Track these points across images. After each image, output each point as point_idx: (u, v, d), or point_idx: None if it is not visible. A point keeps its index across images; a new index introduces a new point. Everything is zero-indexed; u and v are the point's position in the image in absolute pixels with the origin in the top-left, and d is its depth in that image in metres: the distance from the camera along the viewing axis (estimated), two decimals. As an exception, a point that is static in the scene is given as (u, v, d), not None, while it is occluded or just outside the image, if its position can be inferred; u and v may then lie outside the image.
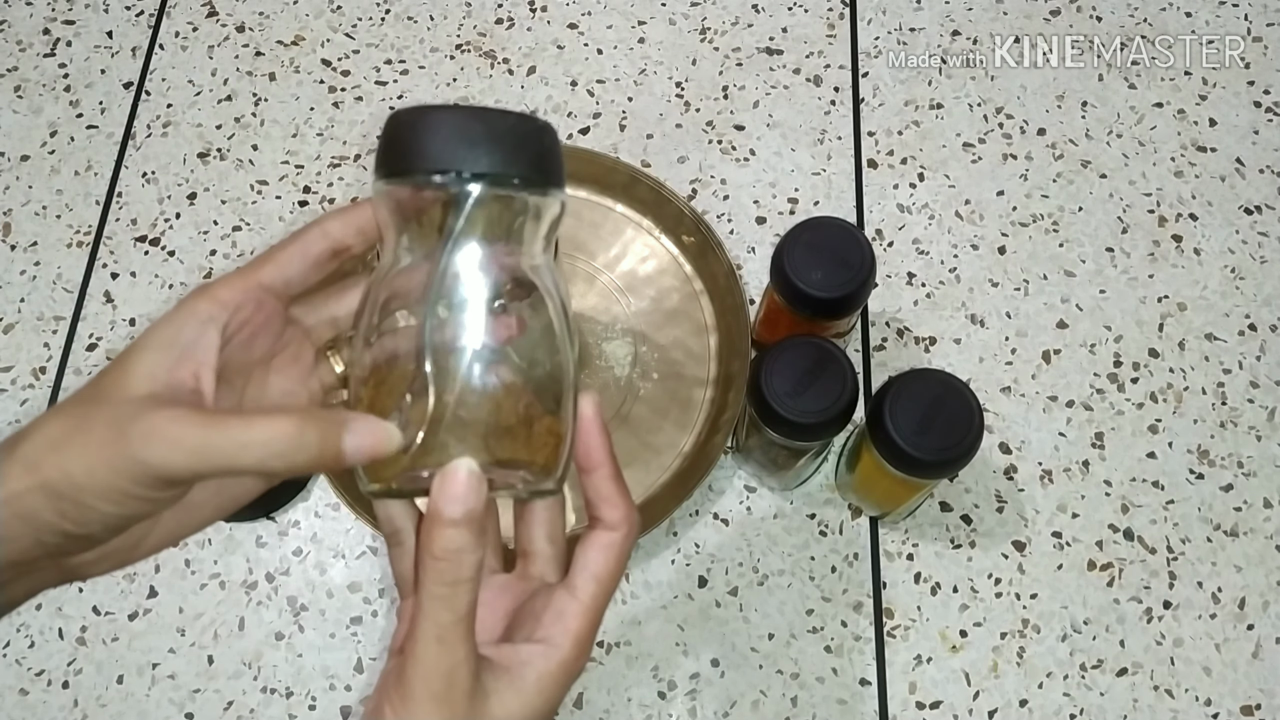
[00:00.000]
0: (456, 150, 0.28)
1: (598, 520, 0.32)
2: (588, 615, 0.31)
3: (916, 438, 0.49)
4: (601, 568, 0.31)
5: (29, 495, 0.26)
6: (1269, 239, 0.69)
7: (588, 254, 0.67)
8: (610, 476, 0.32)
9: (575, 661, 0.31)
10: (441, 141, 0.28)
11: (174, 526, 0.30)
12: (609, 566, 0.32)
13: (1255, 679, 0.58)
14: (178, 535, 0.31)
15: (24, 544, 0.26)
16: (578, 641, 0.31)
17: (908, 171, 0.71)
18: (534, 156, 0.29)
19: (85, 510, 0.26)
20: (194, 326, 0.29)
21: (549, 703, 0.30)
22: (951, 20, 0.77)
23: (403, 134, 0.29)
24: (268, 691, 0.58)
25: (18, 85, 0.75)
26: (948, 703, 0.57)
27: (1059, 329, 0.66)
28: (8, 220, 0.70)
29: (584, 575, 0.31)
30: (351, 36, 0.76)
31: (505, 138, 0.28)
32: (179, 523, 0.30)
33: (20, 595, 0.29)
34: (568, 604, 0.31)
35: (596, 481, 0.32)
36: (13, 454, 0.27)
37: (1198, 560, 0.60)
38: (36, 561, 0.28)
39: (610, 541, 0.32)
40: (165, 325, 0.29)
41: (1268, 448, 0.63)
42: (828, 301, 0.53)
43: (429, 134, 0.28)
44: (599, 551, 0.32)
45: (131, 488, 0.26)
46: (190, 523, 0.31)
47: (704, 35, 0.76)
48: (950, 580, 0.60)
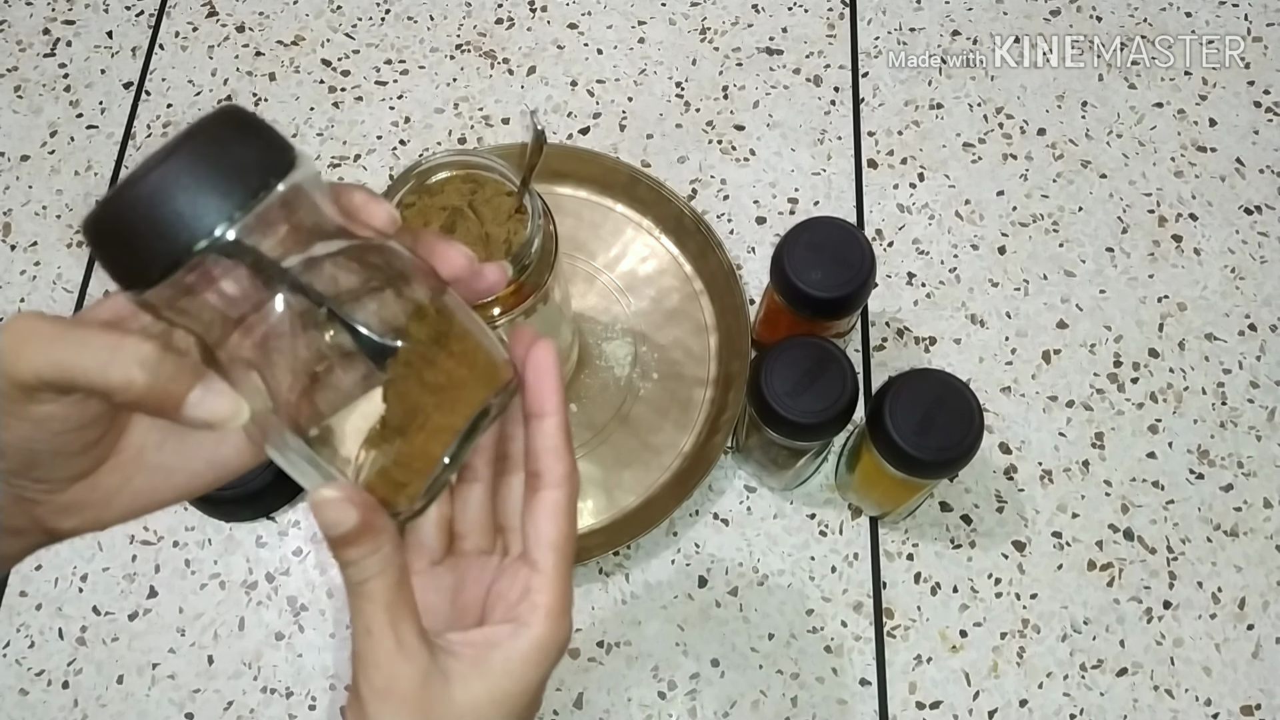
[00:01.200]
0: (194, 214, 0.25)
1: (538, 477, 0.31)
2: (555, 587, 0.30)
3: (916, 438, 0.49)
4: (556, 534, 0.30)
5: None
6: (1269, 239, 0.69)
7: (588, 254, 0.67)
8: (560, 426, 0.31)
9: (552, 636, 0.30)
10: (173, 216, 0.25)
11: (144, 488, 0.30)
12: (563, 529, 0.31)
13: (1255, 679, 0.58)
14: (151, 499, 0.30)
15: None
16: (550, 614, 0.30)
17: (908, 171, 0.71)
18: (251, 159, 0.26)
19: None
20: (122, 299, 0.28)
21: (520, 684, 0.29)
22: (951, 20, 0.77)
23: (125, 233, 0.25)
24: (268, 691, 0.58)
25: (18, 85, 0.75)
26: (948, 703, 0.57)
27: (1059, 329, 0.66)
28: (8, 220, 0.70)
29: (540, 546, 0.30)
30: (351, 36, 0.76)
31: (217, 166, 0.25)
32: (149, 485, 0.30)
33: (17, 552, 0.29)
34: (531, 578, 0.30)
35: (546, 428, 0.31)
36: None
37: (1198, 560, 0.60)
38: (8, 509, 0.28)
39: (556, 502, 0.31)
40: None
41: (1268, 448, 0.63)
42: (828, 301, 0.54)
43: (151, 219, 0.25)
44: (549, 518, 0.30)
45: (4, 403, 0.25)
46: (162, 487, 0.30)
47: (704, 35, 0.76)
48: (950, 580, 0.60)
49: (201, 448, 0.30)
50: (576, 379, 0.64)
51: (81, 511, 0.29)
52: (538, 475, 0.31)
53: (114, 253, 0.26)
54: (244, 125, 0.26)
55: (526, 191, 0.48)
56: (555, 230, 0.50)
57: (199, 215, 0.24)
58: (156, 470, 0.30)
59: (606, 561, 0.60)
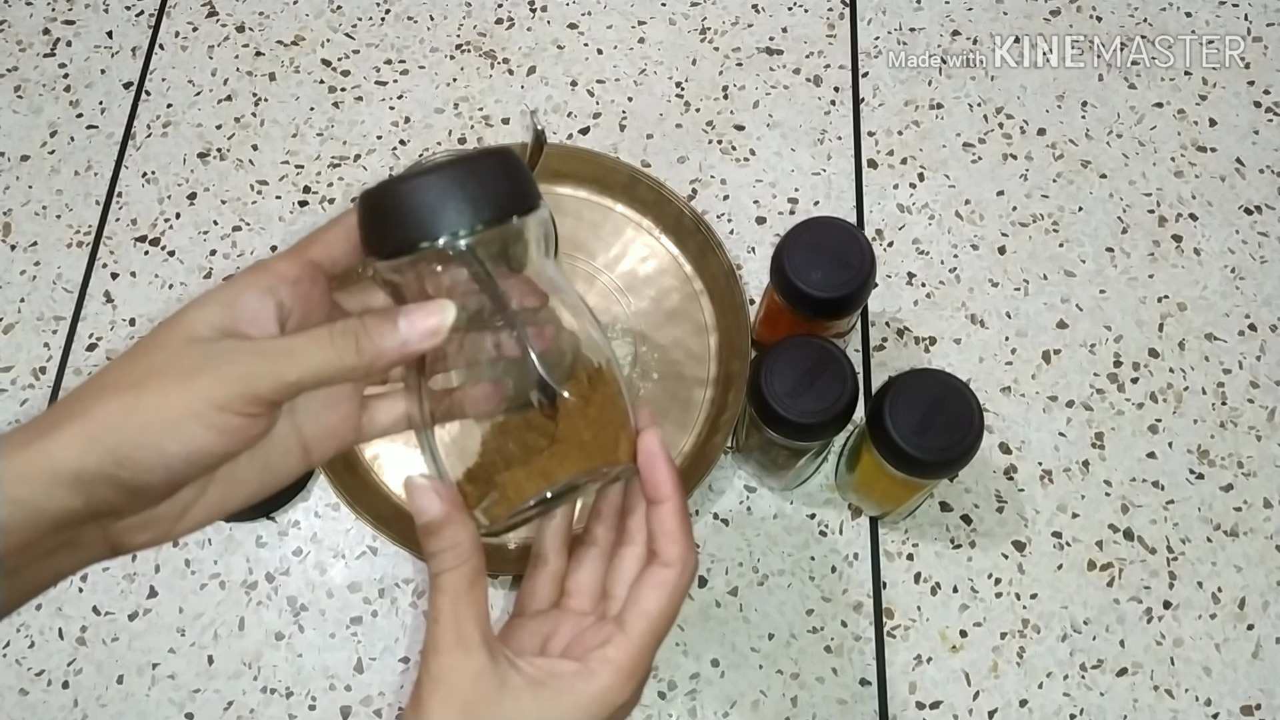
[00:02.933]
0: (445, 214, 0.29)
1: (655, 556, 0.33)
2: (633, 650, 0.31)
3: (916, 438, 0.49)
4: (654, 605, 0.32)
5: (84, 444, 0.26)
6: (1269, 239, 0.69)
7: (588, 254, 0.67)
8: (676, 511, 0.33)
9: (613, 692, 0.31)
10: (429, 211, 0.29)
11: (215, 500, 0.31)
12: (661, 605, 0.32)
13: (1255, 679, 0.58)
14: (219, 511, 0.31)
15: (74, 504, 0.26)
16: (618, 671, 0.31)
17: (908, 171, 0.71)
18: (509, 190, 0.31)
19: (148, 453, 0.26)
20: (255, 295, 0.29)
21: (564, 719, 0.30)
22: (951, 20, 0.77)
23: (387, 212, 0.30)
24: (268, 691, 0.58)
25: (18, 85, 0.75)
26: (948, 703, 0.57)
27: (1059, 329, 0.66)
28: (8, 220, 0.70)
29: (635, 610, 0.32)
30: (351, 36, 0.76)
31: (481, 184, 0.30)
32: (221, 496, 0.31)
33: (67, 568, 0.29)
34: (613, 635, 0.32)
35: (663, 515, 0.33)
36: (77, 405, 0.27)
37: (1198, 560, 0.60)
38: (84, 528, 0.28)
39: (665, 579, 0.32)
40: (225, 290, 0.29)
41: (1268, 448, 0.63)
42: (828, 301, 0.53)
43: (413, 207, 0.30)
44: (653, 589, 0.32)
45: (207, 414, 0.27)
46: (232, 499, 0.31)
47: (704, 35, 0.76)
48: (950, 580, 0.60)
49: (270, 457, 0.31)
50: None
51: (154, 526, 0.30)
52: (655, 555, 0.33)
53: (369, 225, 0.31)
54: (508, 167, 0.31)
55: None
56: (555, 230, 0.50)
57: (438, 221, 0.29)
58: (230, 482, 0.31)
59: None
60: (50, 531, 0.27)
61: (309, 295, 0.31)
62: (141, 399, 0.26)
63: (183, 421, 0.26)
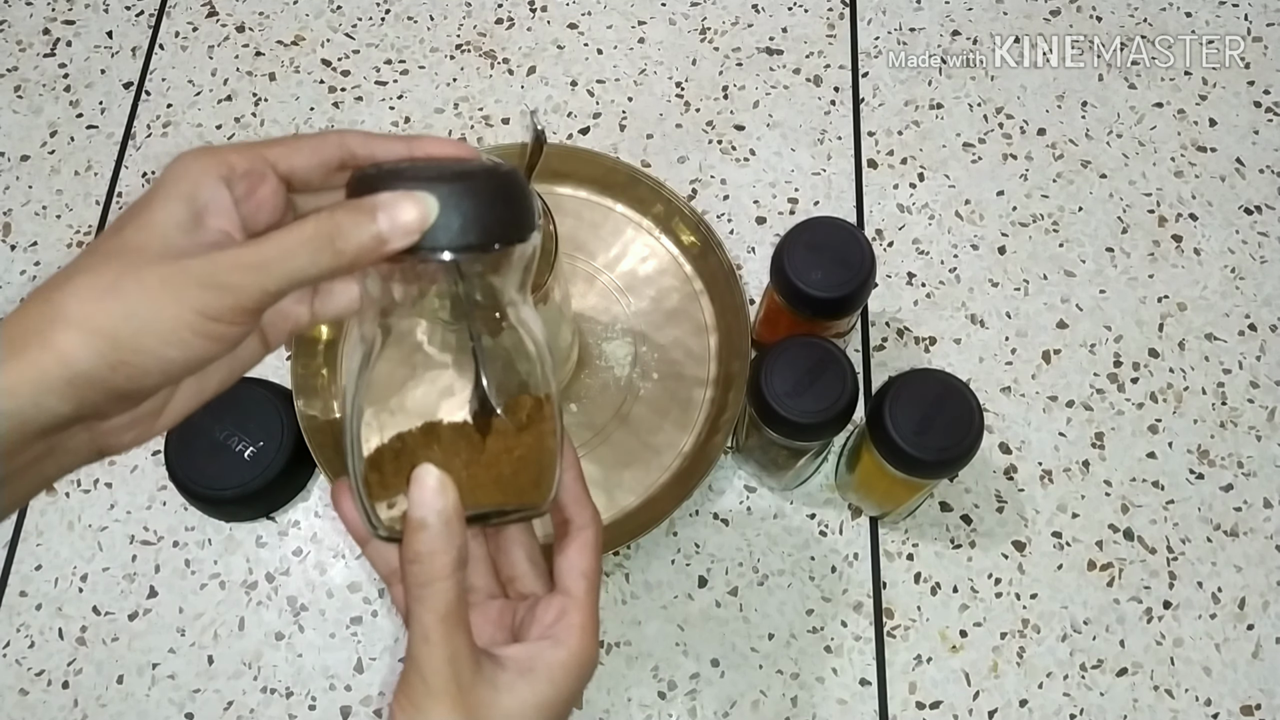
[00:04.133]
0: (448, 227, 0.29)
1: (568, 522, 0.35)
2: (586, 609, 0.34)
3: (916, 438, 0.49)
4: (587, 564, 0.34)
5: (76, 349, 0.26)
6: (1269, 239, 0.69)
7: (588, 254, 0.67)
8: (578, 479, 0.35)
9: (583, 653, 0.33)
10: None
11: (186, 395, 0.31)
12: (592, 562, 0.35)
13: (1255, 679, 0.58)
14: (190, 405, 0.31)
15: (63, 409, 0.26)
16: (582, 632, 0.33)
17: (908, 171, 0.71)
18: (513, 214, 0.30)
19: (144, 357, 0.26)
20: (210, 185, 0.29)
21: (561, 694, 0.32)
22: (951, 20, 0.77)
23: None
24: (268, 691, 0.58)
25: (18, 85, 0.75)
26: (948, 703, 0.57)
27: (1059, 329, 0.66)
28: (8, 220, 0.70)
29: (573, 575, 0.34)
30: (351, 36, 0.76)
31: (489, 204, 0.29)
32: (191, 391, 0.31)
33: (53, 473, 0.29)
34: (565, 602, 0.34)
35: (567, 483, 0.35)
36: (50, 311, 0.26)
37: (1198, 560, 0.60)
38: (69, 432, 0.28)
39: (586, 540, 0.35)
40: (179, 180, 0.29)
41: (1268, 448, 0.63)
42: (828, 301, 0.54)
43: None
44: (579, 552, 0.34)
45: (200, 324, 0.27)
46: (201, 391, 0.32)
47: (704, 35, 0.76)
48: (950, 580, 0.60)
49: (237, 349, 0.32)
50: (576, 379, 0.64)
51: (138, 426, 0.30)
52: (568, 522, 0.35)
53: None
54: (510, 192, 0.30)
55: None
56: (555, 230, 0.50)
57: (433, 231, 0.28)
58: (201, 375, 0.31)
59: (607, 561, 0.60)
60: (36, 437, 0.27)
61: (259, 191, 0.30)
62: (134, 308, 0.26)
63: (177, 331, 0.27)
